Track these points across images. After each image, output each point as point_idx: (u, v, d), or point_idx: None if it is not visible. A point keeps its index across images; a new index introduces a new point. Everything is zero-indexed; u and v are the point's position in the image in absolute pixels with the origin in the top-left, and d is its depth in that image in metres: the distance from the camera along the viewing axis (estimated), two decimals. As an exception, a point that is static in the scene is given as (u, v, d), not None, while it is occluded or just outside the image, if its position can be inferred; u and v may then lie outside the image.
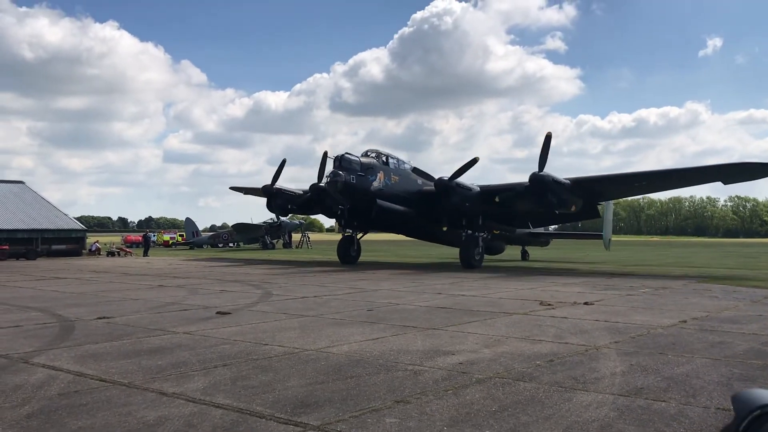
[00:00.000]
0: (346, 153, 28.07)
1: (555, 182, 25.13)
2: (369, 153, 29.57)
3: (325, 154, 30.20)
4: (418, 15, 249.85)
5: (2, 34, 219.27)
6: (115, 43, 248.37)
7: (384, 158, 29.77)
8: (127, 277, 24.36)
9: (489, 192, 27.81)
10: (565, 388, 6.83)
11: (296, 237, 68.54)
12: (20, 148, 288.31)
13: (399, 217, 29.76)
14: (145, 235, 53.22)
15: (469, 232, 28.90)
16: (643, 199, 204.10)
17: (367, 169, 28.20)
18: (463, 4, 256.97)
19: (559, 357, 8.52)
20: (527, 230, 34.12)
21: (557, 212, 26.07)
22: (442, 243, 35.21)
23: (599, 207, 30.27)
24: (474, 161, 27.54)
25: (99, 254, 46.06)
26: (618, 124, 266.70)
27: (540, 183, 25.08)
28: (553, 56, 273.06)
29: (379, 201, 28.41)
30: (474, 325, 11.55)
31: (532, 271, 28.23)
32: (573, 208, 25.98)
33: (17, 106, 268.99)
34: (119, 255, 46.26)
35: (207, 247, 64.63)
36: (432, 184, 29.28)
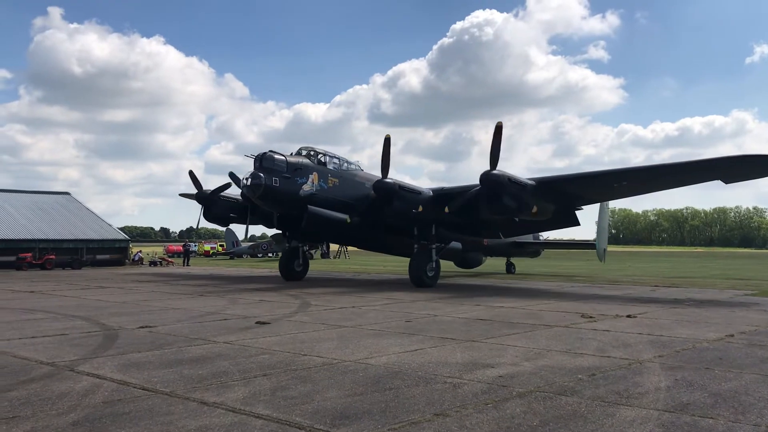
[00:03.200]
0: (270, 151, 23.95)
1: (512, 182, 21.07)
2: (301, 151, 25.28)
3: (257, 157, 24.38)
4: (458, 25, 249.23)
5: (53, 50, 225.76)
6: (161, 57, 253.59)
7: (320, 157, 25.33)
8: (168, 286, 24.73)
9: (443, 196, 23.78)
10: (607, 402, 6.69)
11: (334, 247, 68.81)
12: (67, 159, 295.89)
13: (338, 226, 25.16)
14: (186, 245, 54.05)
15: (424, 243, 24.56)
16: (686, 209, 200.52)
17: (296, 170, 23.89)
18: (505, 14, 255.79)
19: (601, 371, 8.36)
20: (510, 240, 30.98)
21: (517, 219, 22.10)
22: (399, 255, 30.39)
23: (602, 208, 27.96)
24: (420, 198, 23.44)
25: (142, 264, 46.93)
26: (661, 133, 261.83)
27: (493, 184, 21.09)
28: (596, 66, 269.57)
29: (310, 208, 24.15)
30: (514, 337, 11.42)
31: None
32: (535, 212, 21.44)
33: (65, 119, 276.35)
34: (161, 264, 47.07)
35: (247, 257, 65.33)
36: None
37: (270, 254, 65.85)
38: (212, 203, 29.71)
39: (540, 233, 34.37)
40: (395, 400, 6.78)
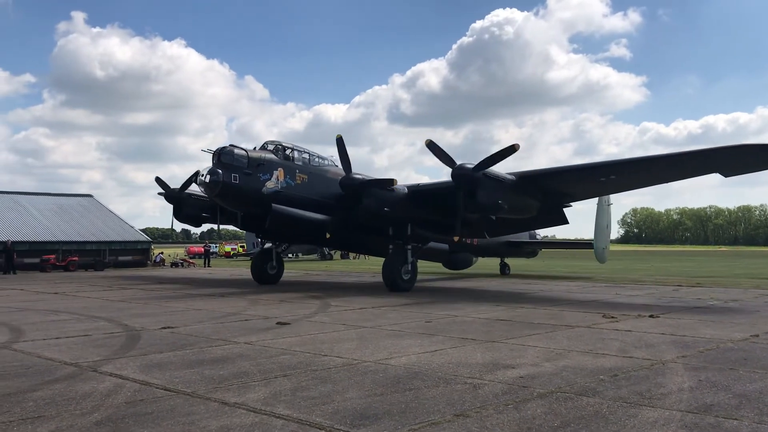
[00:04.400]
0: (230, 145, 22.24)
1: (488, 177, 19.32)
2: (267, 145, 23.47)
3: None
4: (478, 24, 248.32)
5: (76, 54, 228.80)
6: (182, 60, 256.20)
7: (287, 152, 23.53)
8: (189, 287, 24.92)
9: (418, 194, 22.14)
10: (630, 403, 6.63)
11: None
12: (90, 162, 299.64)
13: (306, 226, 23.60)
14: (206, 246, 54.45)
15: (399, 243, 22.95)
16: (710, 208, 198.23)
17: (258, 166, 22.15)
18: (525, 13, 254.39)
19: (623, 371, 8.28)
20: (504, 239, 29.94)
21: (494, 217, 20.56)
22: (378, 256, 27.85)
23: (600, 205, 26.39)
24: (391, 182, 21.61)
25: (163, 265, 47.36)
26: (683, 131, 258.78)
27: (465, 179, 19.42)
28: (618, 64, 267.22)
29: (275, 206, 22.48)
30: (535, 338, 11.36)
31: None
32: (505, 209, 19.68)
33: (88, 123, 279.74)
34: (182, 266, 47.47)
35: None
36: None
37: (290, 255, 66.12)
38: (182, 202, 28.26)
39: (536, 232, 33.01)
40: (415, 400, 6.77)
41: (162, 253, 51.30)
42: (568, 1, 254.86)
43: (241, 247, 74.31)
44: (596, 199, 26.48)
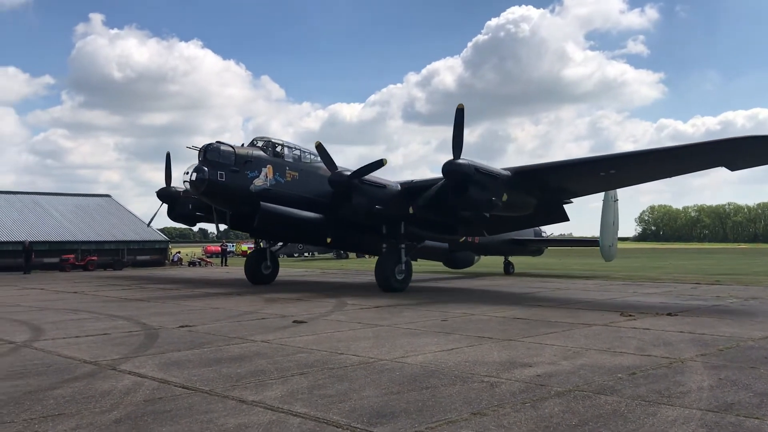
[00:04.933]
0: (216, 141, 21.58)
1: (480, 173, 18.59)
2: (256, 142, 22.84)
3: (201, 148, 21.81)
4: (493, 22, 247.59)
5: (94, 55, 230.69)
6: (198, 61, 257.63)
7: (277, 149, 22.83)
8: (207, 286, 25.06)
9: (411, 191, 21.31)
10: (648, 402, 6.58)
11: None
12: (108, 162, 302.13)
13: (298, 224, 23.04)
14: (223, 245, 54.73)
15: (393, 242, 22.05)
16: (728, 205, 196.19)
17: (245, 163, 21.46)
18: (541, 10, 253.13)
19: (641, 370, 8.22)
20: (507, 237, 29.26)
21: (488, 215, 19.74)
22: (373, 254, 26.90)
23: (606, 201, 25.62)
24: (380, 163, 20.67)
25: (181, 264, 47.69)
26: (701, 128, 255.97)
27: (457, 175, 18.58)
28: (635, 60, 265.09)
29: (263, 205, 21.81)
30: (552, 336, 11.30)
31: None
32: (508, 205, 19.13)
33: (106, 123, 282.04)
34: (200, 265, 47.76)
35: (283, 257, 65.82)
36: None
37: (306, 254, 66.33)
38: (176, 201, 27.57)
39: (542, 229, 32.09)
40: (432, 398, 6.77)
41: (179, 252, 51.66)
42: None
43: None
44: (602, 195, 26.07)
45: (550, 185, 20.17)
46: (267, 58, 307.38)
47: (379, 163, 20.60)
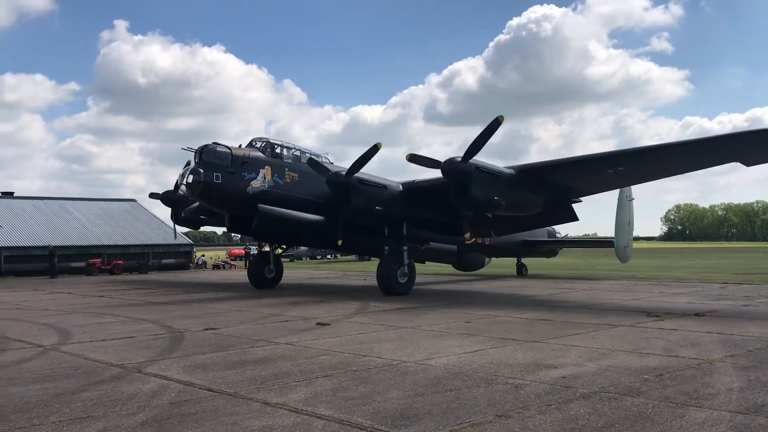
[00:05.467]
0: (213, 143, 21.01)
1: (481, 171, 17.87)
2: (254, 142, 22.20)
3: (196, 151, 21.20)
4: (515, 22, 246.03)
5: (119, 61, 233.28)
6: (221, 66, 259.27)
7: (276, 149, 22.22)
8: (230, 289, 25.23)
9: (413, 191, 20.81)
10: (676, 404, 6.49)
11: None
12: (133, 167, 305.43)
13: (298, 226, 22.57)
14: (247, 248, 55.08)
15: (395, 243, 21.51)
16: (757, 203, 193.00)
17: (243, 164, 20.92)
18: (563, 9, 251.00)
19: (668, 371, 8.11)
20: (520, 238, 28.48)
21: (490, 215, 18.80)
22: (377, 257, 25.53)
23: (621, 200, 24.75)
24: (375, 148, 20.01)
25: (205, 267, 48.08)
26: (728, 125, 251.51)
27: (455, 173, 17.97)
28: (659, 58, 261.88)
29: (261, 207, 21.30)
30: (577, 337, 11.20)
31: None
32: (502, 206, 18.22)
33: (131, 128, 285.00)
34: (224, 268, 48.10)
35: (306, 259, 66.12)
36: None
37: (329, 256, 66.49)
38: (179, 204, 27.10)
39: (556, 230, 31.18)
40: (456, 401, 6.74)
41: (204, 255, 52.09)
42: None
43: (281, 249, 74.91)
44: (617, 194, 25.33)
45: (556, 183, 19.35)
46: (289, 62, 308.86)
47: (374, 149, 19.97)
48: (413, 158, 19.39)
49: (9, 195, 45.62)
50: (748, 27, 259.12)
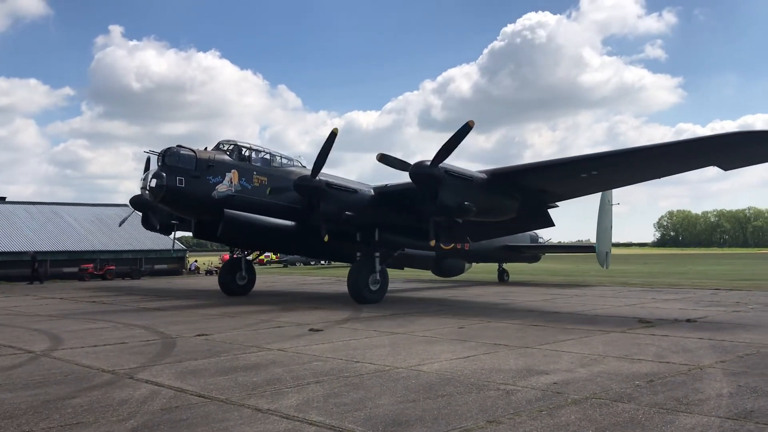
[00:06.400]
0: (176, 145, 20.13)
1: (451, 176, 17.45)
2: (221, 145, 21.28)
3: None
4: (509, 28, 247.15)
5: (114, 66, 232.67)
6: (216, 71, 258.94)
7: (244, 152, 21.31)
8: (223, 294, 25.15)
9: (385, 196, 20.14)
10: (666, 409, 6.52)
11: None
12: (127, 172, 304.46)
13: (266, 232, 21.96)
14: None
15: (367, 249, 20.93)
16: (749, 209, 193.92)
17: (208, 168, 20.04)
18: (558, 16, 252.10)
19: (659, 377, 8.14)
20: (501, 243, 28.24)
21: (460, 221, 18.46)
22: (348, 262, 24.85)
23: (602, 205, 24.55)
24: (333, 135, 19.25)
25: (198, 273, 47.94)
26: (720, 132, 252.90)
27: (424, 178, 17.50)
28: (653, 65, 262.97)
29: (227, 212, 20.51)
30: (569, 343, 11.23)
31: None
32: (474, 211, 17.73)
33: (125, 133, 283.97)
34: (216, 273, 47.94)
35: (300, 265, 66.03)
36: None
37: (323, 262, 66.41)
38: (149, 208, 26.38)
39: (538, 235, 31.10)
40: (448, 406, 6.75)
41: (196, 261, 51.95)
42: (601, 2, 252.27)
43: (274, 254, 74.86)
44: (599, 199, 25.18)
45: (530, 188, 18.81)
46: (284, 68, 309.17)
47: (332, 135, 19.20)
48: (383, 158, 18.82)
49: (1, 200, 45.40)
50: (740, 35, 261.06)
